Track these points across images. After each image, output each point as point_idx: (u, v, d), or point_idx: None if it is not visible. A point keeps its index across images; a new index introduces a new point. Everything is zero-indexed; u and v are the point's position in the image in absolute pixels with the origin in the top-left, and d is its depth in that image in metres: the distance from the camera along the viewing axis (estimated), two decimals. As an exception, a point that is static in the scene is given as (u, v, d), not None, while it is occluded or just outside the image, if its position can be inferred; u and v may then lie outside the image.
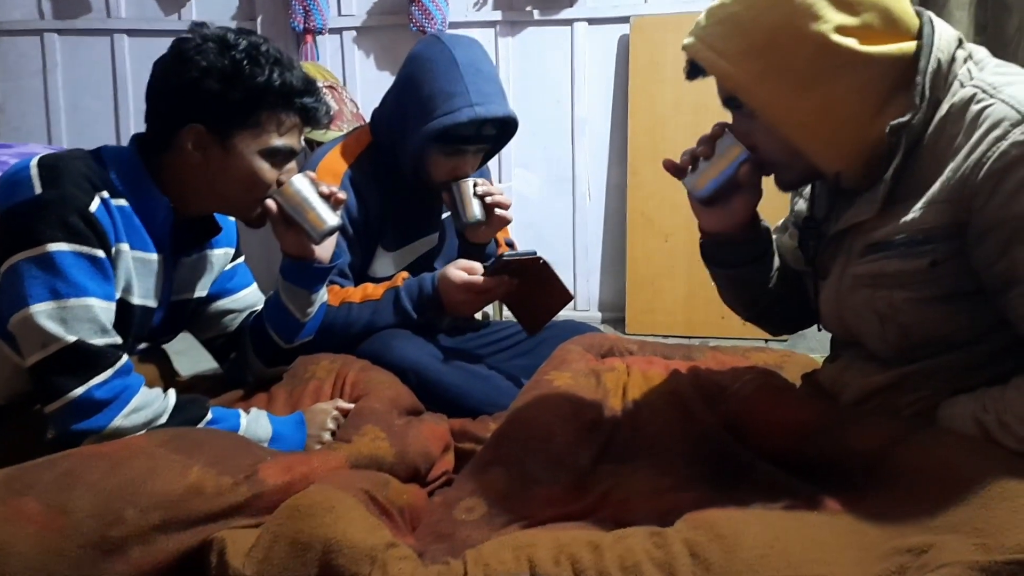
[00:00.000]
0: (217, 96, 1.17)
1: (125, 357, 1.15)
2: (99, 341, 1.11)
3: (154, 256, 1.25)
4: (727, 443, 1.14)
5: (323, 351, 1.52)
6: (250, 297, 1.48)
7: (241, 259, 1.48)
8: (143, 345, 1.39)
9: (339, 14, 3.21)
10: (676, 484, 1.08)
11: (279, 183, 1.27)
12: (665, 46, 2.95)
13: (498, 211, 1.67)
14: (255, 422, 1.25)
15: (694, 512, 0.91)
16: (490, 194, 1.65)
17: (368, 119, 1.82)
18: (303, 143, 1.30)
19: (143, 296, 1.25)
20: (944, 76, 0.96)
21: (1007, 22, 2.35)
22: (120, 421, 1.10)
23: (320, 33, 3.14)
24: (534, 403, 1.25)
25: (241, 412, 1.25)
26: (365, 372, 1.45)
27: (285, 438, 1.26)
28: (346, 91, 3.08)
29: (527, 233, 3.26)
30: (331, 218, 1.30)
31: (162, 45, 1.26)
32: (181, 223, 1.29)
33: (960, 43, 0.98)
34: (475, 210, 1.63)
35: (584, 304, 3.28)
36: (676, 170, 1.15)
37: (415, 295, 1.61)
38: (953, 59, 0.97)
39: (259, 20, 3.23)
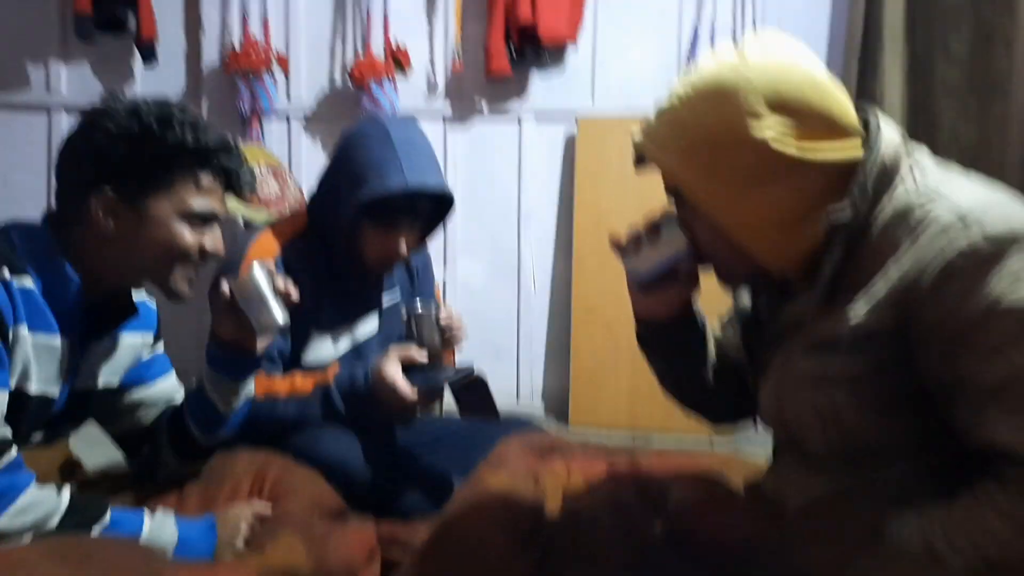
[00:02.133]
0: (126, 159, 1.13)
1: (14, 451, 1.05)
2: None
3: (58, 340, 1.16)
4: (668, 557, 1.08)
5: (244, 445, 1.43)
6: (167, 388, 1.39)
7: (160, 346, 1.39)
8: (40, 436, 1.28)
9: (288, 100, 3.21)
10: (615, 600, 1.01)
11: (203, 250, 1.20)
12: (610, 146, 3.02)
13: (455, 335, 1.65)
14: (160, 526, 1.15)
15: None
16: (451, 327, 1.62)
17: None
18: (240, 220, 1.25)
19: (43, 383, 1.15)
20: (888, 178, 0.96)
21: (938, 136, 2.47)
22: (4, 522, 1.01)
23: (267, 117, 3.13)
24: (468, 508, 1.19)
25: (146, 514, 1.16)
26: (286, 471, 1.37)
27: (193, 544, 1.16)
28: (291, 176, 3.06)
29: (471, 321, 3.17)
30: (280, 316, 1.24)
31: None
32: (94, 304, 1.21)
33: (904, 145, 0.99)
34: (435, 340, 1.59)
35: (527, 396, 3.22)
36: (620, 249, 1.13)
37: (346, 390, 1.54)
38: (897, 161, 0.97)
39: (204, 102, 3.21)
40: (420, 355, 1.54)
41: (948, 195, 0.92)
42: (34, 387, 1.14)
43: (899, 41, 2.49)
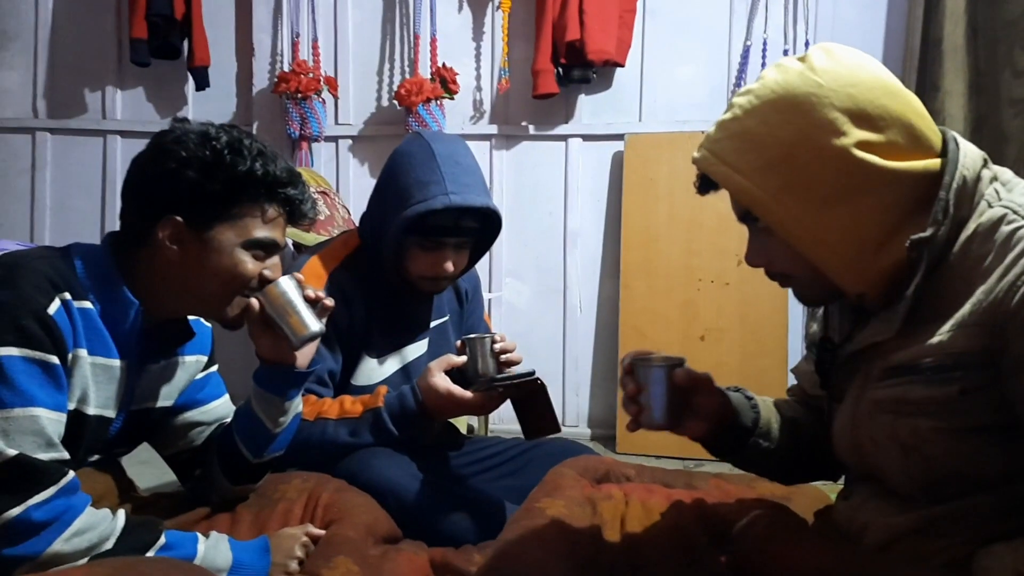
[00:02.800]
0: (196, 186, 1.12)
1: (71, 474, 1.05)
2: (43, 456, 1.01)
3: (116, 362, 1.16)
4: (736, 592, 1.03)
5: (295, 468, 1.42)
6: (220, 409, 1.38)
7: (214, 368, 1.39)
8: (95, 457, 1.28)
9: (336, 122, 3.24)
10: (681, 636, 0.97)
11: (262, 279, 1.20)
12: (659, 163, 2.97)
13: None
14: (214, 548, 1.14)
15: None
16: (506, 351, 1.59)
17: (359, 226, 1.77)
18: (289, 243, 1.24)
19: (100, 405, 1.15)
20: (970, 194, 0.93)
21: (1006, 153, 2.39)
22: (59, 546, 1.00)
23: (316, 140, 3.16)
24: (524, 536, 1.15)
25: (199, 537, 1.15)
26: (340, 494, 1.34)
27: (247, 567, 1.15)
28: (339, 197, 3.07)
29: (518, 343, 3.18)
30: (314, 324, 1.22)
31: None
32: (151, 327, 1.20)
33: (986, 163, 0.95)
34: (491, 367, 1.56)
35: (573, 420, 3.17)
36: (635, 423, 1.12)
37: (397, 412, 1.52)
38: (979, 178, 0.93)
39: (255, 126, 3.25)
40: (458, 358, 1.51)
41: None
42: (92, 409, 1.14)
43: (960, 56, 2.42)
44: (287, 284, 1.21)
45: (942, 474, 0.92)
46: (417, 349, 1.72)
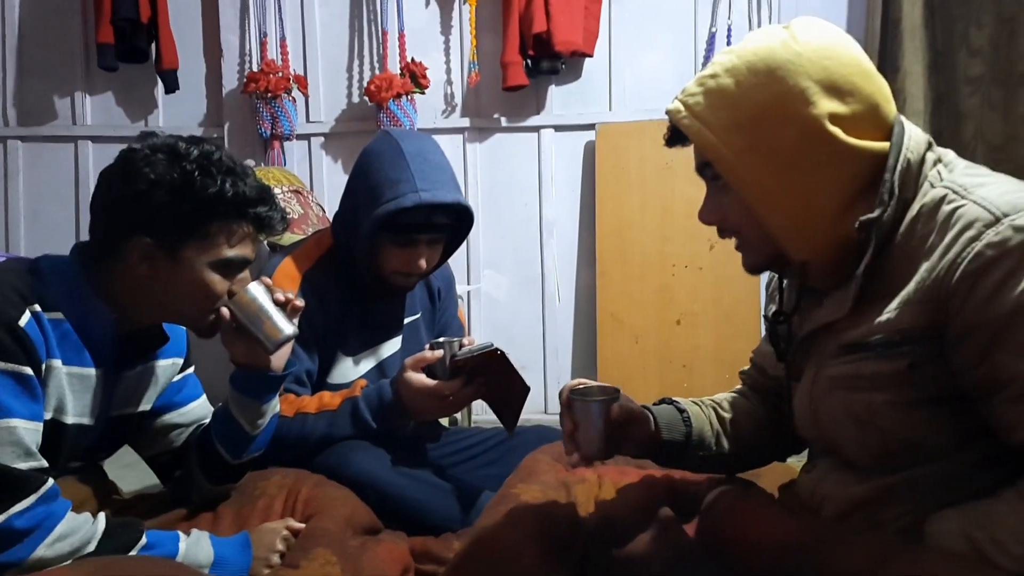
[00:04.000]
0: (165, 208, 1.13)
1: (50, 482, 1.06)
2: (22, 465, 1.04)
3: (91, 371, 1.18)
4: (703, 563, 1.07)
5: (276, 465, 1.44)
6: (198, 411, 1.40)
7: (190, 370, 1.41)
8: (78, 464, 1.29)
9: (307, 120, 3.25)
10: (652, 610, 1.00)
11: (231, 293, 1.22)
12: (630, 151, 3.01)
13: None
14: (195, 545, 1.16)
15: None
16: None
17: (334, 223, 1.79)
18: (265, 245, 1.26)
19: (78, 414, 1.17)
20: (914, 176, 0.96)
21: (963, 130, 2.43)
22: (43, 551, 1.02)
23: (287, 139, 3.17)
24: (500, 520, 1.18)
25: (180, 535, 1.17)
26: (319, 488, 1.37)
27: (228, 562, 1.17)
28: (312, 195, 3.08)
29: (497, 335, 3.22)
30: (287, 327, 1.24)
31: None
32: (125, 335, 1.22)
33: (930, 145, 0.98)
34: None
35: (555, 407, 3.20)
36: (579, 460, 1.16)
37: (375, 404, 1.54)
38: (923, 160, 0.96)
39: (226, 127, 3.25)
40: (432, 354, 1.53)
41: (975, 191, 0.91)
42: (70, 418, 1.15)
43: (919, 36, 2.46)
44: (256, 290, 1.23)
45: (895, 445, 0.95)
46: (391, 347, 1.75)
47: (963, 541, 0.88)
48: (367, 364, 1.70)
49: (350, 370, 1.67)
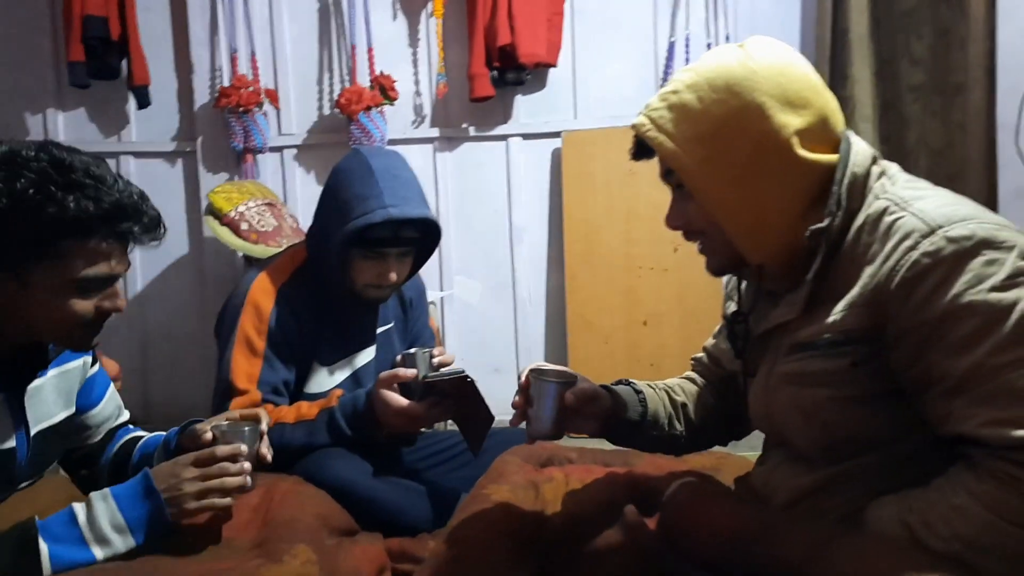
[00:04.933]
0: (2, 232, 1.02)
1: None
2: None
3: None
4: (662, 555, 1.13)
5: (256, 471, 1.47)
6: (106, 409, 1.38)
7: (96, 368, 1.35)
8: (22, 485, 1.22)
9: (279, 133, 3.28)
10: (613, 600, 1.07)
11: (100, 312, 1.12)
12: (595, 158, 3.08)
13: None
14: (91, 500, 1.09)
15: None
16: (445, 364, 1.65)
17: (308, 234, 1.83)
18: (239, 255, 1.24)
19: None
20: (860, 188, 1.03)
21: (907, 136, 2.53)
22: None
23: (260, 152, 3.20)
24: (471, 520, 1.23)
25: (74, 507, 1.09)
26: (298, 485, 1.40)
27: (128, 499, 1.11)
28: (286, 208, 3.12)
29: (470, 339, 3.28)
30: (248, 481, 1.20)
31: None
32: (10, 354, 1.14)
33: (875, 159, 1.05)
34: None
35: (529, 409, 3.26)
36: (528, 435, 1.22)
37: (349, 413, 1.59)
38: (868, 173, 1.03)
39: (199, 141, 3.28)
40: (405, 371, 1.56)
41: (914, 203, 0.98)
42: None
43: (865, 45, 2.55)
44: (249, 436, 1.23)
45: (838, 437, 1.02)
46: (365, 356, 1.79)
47: (898, 526, 0.94)
48: (342, 374, 1.75)
49: (326, 380, 1.72)
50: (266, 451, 1.29)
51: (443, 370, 1.59)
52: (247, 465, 1.20)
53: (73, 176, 1.04)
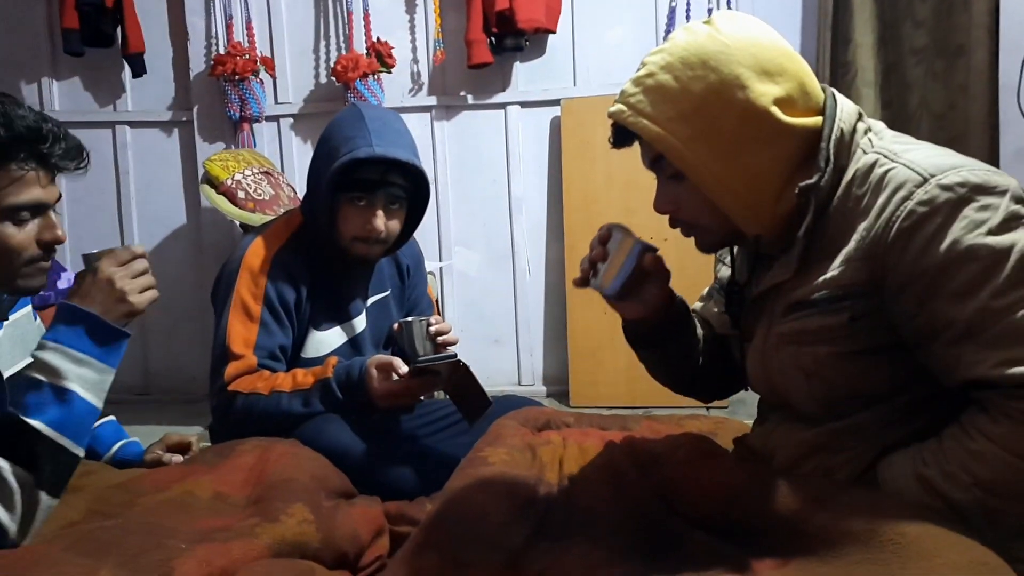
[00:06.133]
0: None
1: None
2: None
3: None
4: (659, 512, 1.13)
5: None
6: None
7: (38, 321, 1.35)
8: None
9: (276, 102, 3.26)
10: (609, 558, 1.06)
11: (43, 243, 1.12)
12: (595, 126, 3.05)
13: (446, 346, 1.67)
14: (48, 360, 1.09)
15: (624, 585, 0.90)
16: (442, 333, 1.66)
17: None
18: (236, 223, 1.23)
19: None
20: (847, 144, 1.03)
21: (909, 100, 2.51)
22: (10, 525, 1.01)
23: (257, 121, 3.18)
24: (468, 482, 1.23)
25: (25, 373, 1.10)
26: (294, 447, 1.40)
27: (92, 349, 1.10)
28: (283, 176, 3.11)
29: (469, 310, 3.28)
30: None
31: (96, 136, 1.22)
32: None
33: (860, 116, 1.05)
34: (427, 349, 1.63)
35: (528, 378, 3.28)
36: (582, 282, 1.18)
37: (343, 382, 1.59)
38: (855, 129, 1.04)
39: (195, 109, 3.26)
40: (400, 366, 1.56)
41: (904, 155, 0.98)
42: None
43: (868, 9, 2.52)
44: None
45: (839, 393, 1.03)
46: (361, 322, 1.79)
47: (914, 480, 0.95)
48: (339, 339, 1.75)
49: (322, 344, 1.72)
50: None
51: (437, 356, 1.59)
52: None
53: None
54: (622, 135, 1.10)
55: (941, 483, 0.92)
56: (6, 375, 1.18)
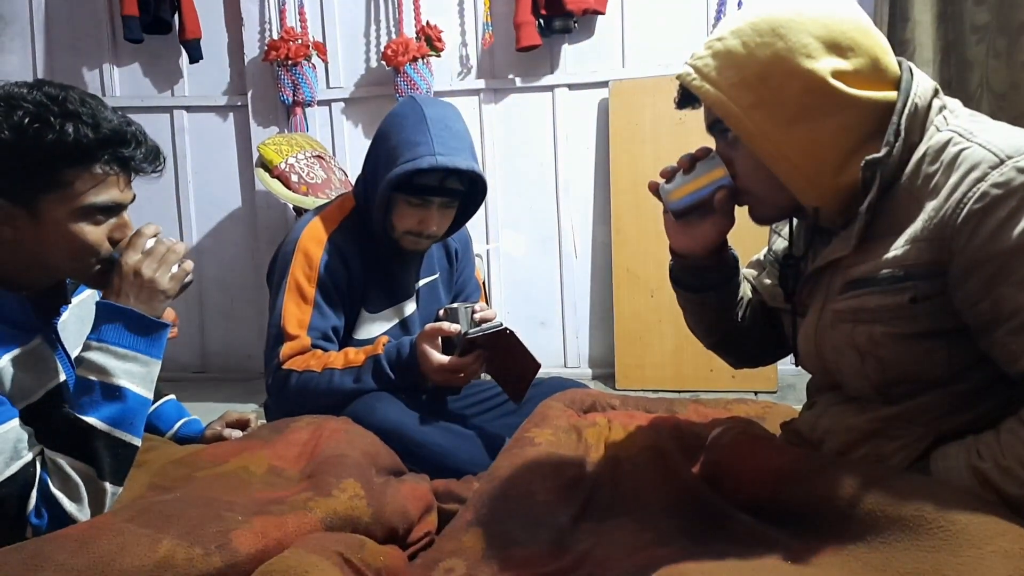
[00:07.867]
0: (7, 164, 1.06)
1: (37, 471, 1.07)
2: (11, 470, 1.04)
3: (32, 343, 1.16)
4: (705, 494, 1.13)
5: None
6: None
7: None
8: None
9: (327, 86, 3.30)
10: (654, 539, 1.08)
11: (113, 242, 1.16)
12: (643, 108, 3.03)
13: None
14: (95, 360, 1.12)
15: (668, 567, 0.89)
16: (487, 320, 1.67)
17: (357, 187, 1.86)
18: (289, 207, 1.26)
19: (46, 383, 1.16)
20: (921, 120, 1.00)
21: (970, 79, 2.43)
22: (76, 513, 1.07)
23: (309, 105, 3.23)
24: (514, 462, 1.25)
25: (77, 372, 1.13)
26: (346, 424, 1.43)
27: (127, 337, 1.14)
28: (335, 160, 3.15)
29: (516, 292, 3.29)
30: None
31: (154, 121, 1.24)
32: (35, 295, 1.18)
33: (936, 92, 1.02)
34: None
35: (574, 361, 3.29)
36: (655, 186, 1.18)
37: (394, 360, 1.62)
38: (930, 106, 1.00)
39: (249, 94, 3.32)
40: (449, 326, 1.61)
41: (980, 134, 0.95)
42: (42, 392, 1.15)
43: (928, -15, 2.45)
44: None
45: (894, 375, 1.00)
46: (411, 306, 1.82)
47: (968, 473, 0.92)
48: (389, 322, 1.78)
49: (373, 326, 1.76)
50: None
51: (484, 326, 1.62)
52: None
53: (70, 106, 1.08)
54: (687, 96, 1.10)
55: (996, 477, 0.90)
56: (73, 355, 1.24)
